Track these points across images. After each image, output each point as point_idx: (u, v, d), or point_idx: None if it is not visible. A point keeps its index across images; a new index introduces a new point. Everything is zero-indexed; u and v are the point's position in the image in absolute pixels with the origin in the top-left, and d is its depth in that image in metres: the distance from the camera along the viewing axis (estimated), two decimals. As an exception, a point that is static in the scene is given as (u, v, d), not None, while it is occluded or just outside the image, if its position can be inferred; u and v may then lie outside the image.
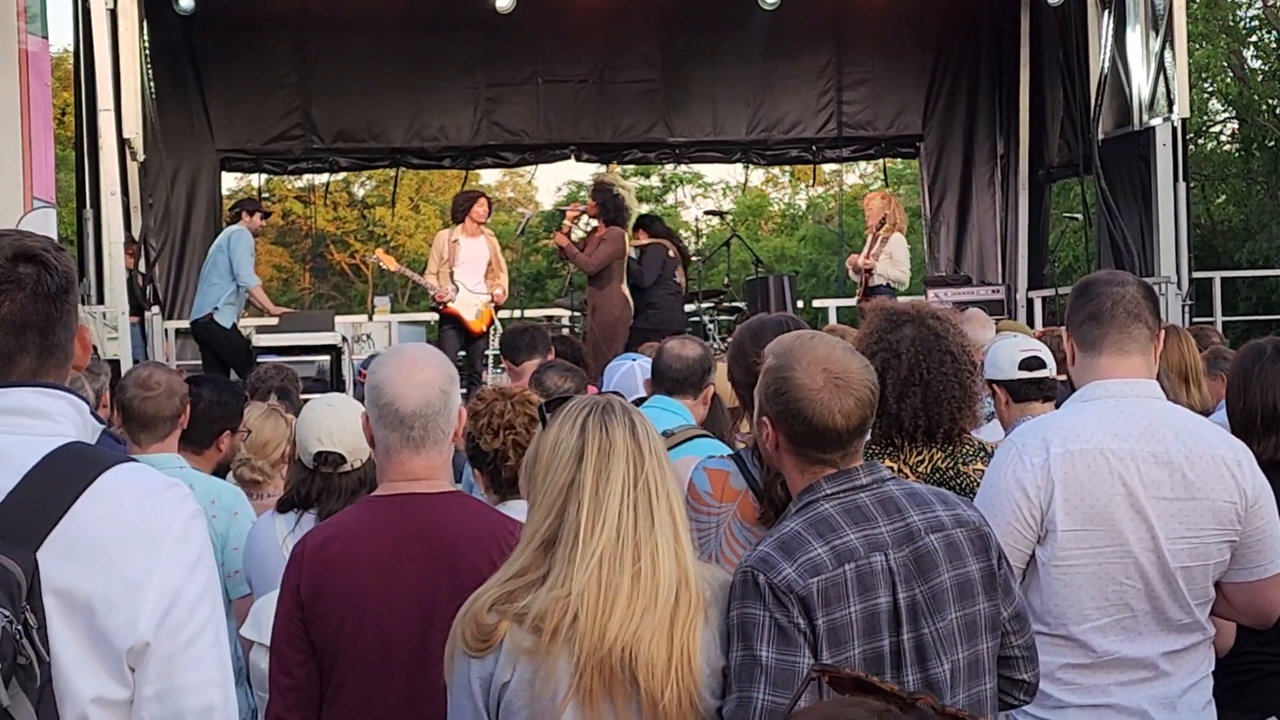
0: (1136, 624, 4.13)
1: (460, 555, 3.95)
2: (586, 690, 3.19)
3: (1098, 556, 4.09)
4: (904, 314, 4.76)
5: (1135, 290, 4.31)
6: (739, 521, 4.24)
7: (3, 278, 2.74)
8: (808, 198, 40.32)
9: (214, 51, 18.19)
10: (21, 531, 2.58)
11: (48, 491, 2.63)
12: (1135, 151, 15.30)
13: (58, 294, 2.77)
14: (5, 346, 2.75)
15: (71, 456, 2.69)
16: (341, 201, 43.13)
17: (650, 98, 19.04)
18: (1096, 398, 4.22)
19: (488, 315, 14.46)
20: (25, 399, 2.75)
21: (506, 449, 4.87)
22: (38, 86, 10.35)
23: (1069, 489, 4.08)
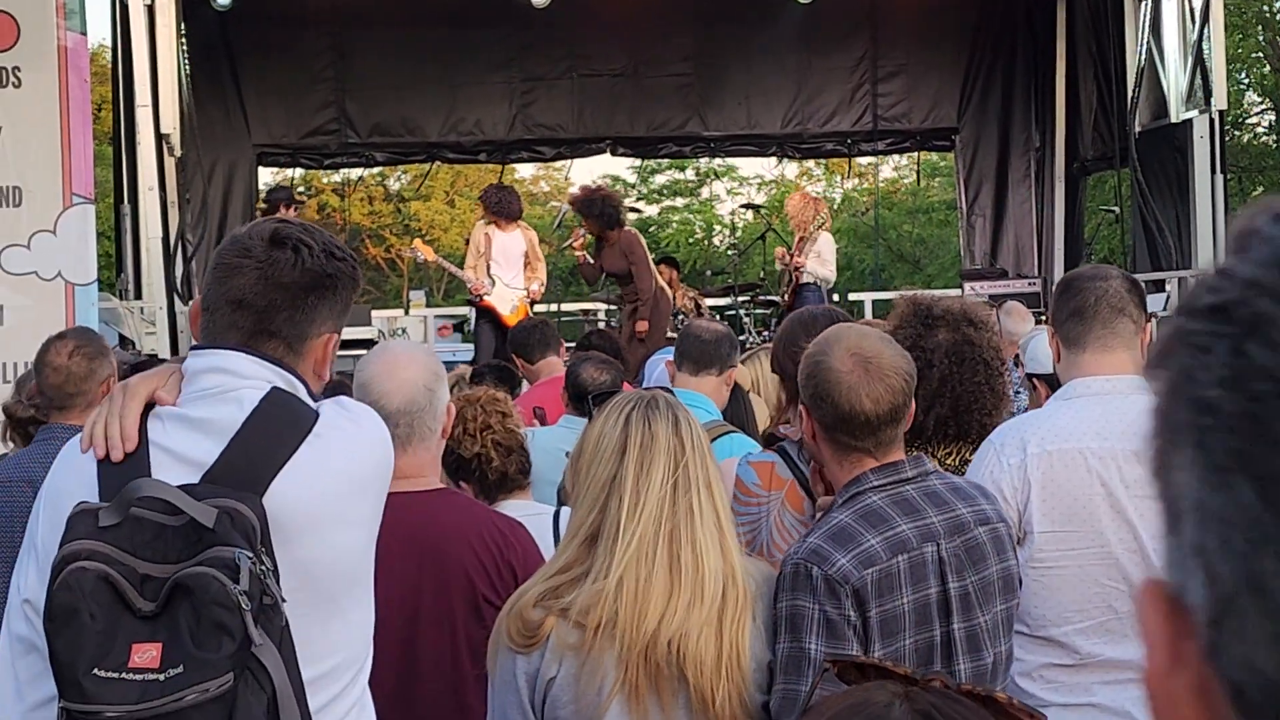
0: (1121, 625, 4.07)
1: (447, 552, 3.97)
2: (632, 685, 3.20)
3: (1078, 558, 4.04)
4: (937, 316, 4.73)
5: (1119, 284, 4.25)
6: (790, 511, 4.24)
7: (246, 253, 2.88)
8: (843, 191, 40.18)
9: (250, 46, 18.24)
10: (248, 477, 2.73)
11: (269, 436, 2.79)
12: (1172, 144, 15.23)
13: (292, 285, 2.87)
14: (223, 318, 2.90)
15: (283, 403, 2.84)
16: (377, 195, 43.17)
17: (685, 92, 19.02)
18: (1078, 395, 4.18)
19: (523, 310, 14.45)
20: (234, 361, 2.87)
21: (488, 450, 4.87)
22: (76, 82, 10.39)
23: (1046, 489, 4.04)
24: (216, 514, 2.60)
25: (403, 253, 17.23)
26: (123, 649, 2.50)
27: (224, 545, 2.56)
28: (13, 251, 10.00)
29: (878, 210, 33.58)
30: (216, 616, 2.51)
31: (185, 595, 2.53)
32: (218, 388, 2.85)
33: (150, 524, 2.61)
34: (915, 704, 1.47)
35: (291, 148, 19.08)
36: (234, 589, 2.51)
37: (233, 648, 2.51)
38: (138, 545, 2.59)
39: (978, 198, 19.40)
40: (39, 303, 9.84)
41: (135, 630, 2.53)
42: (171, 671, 2.49)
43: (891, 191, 42.20)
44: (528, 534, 4.11)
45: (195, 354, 2.91)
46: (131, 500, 2.62)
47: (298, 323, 2.88)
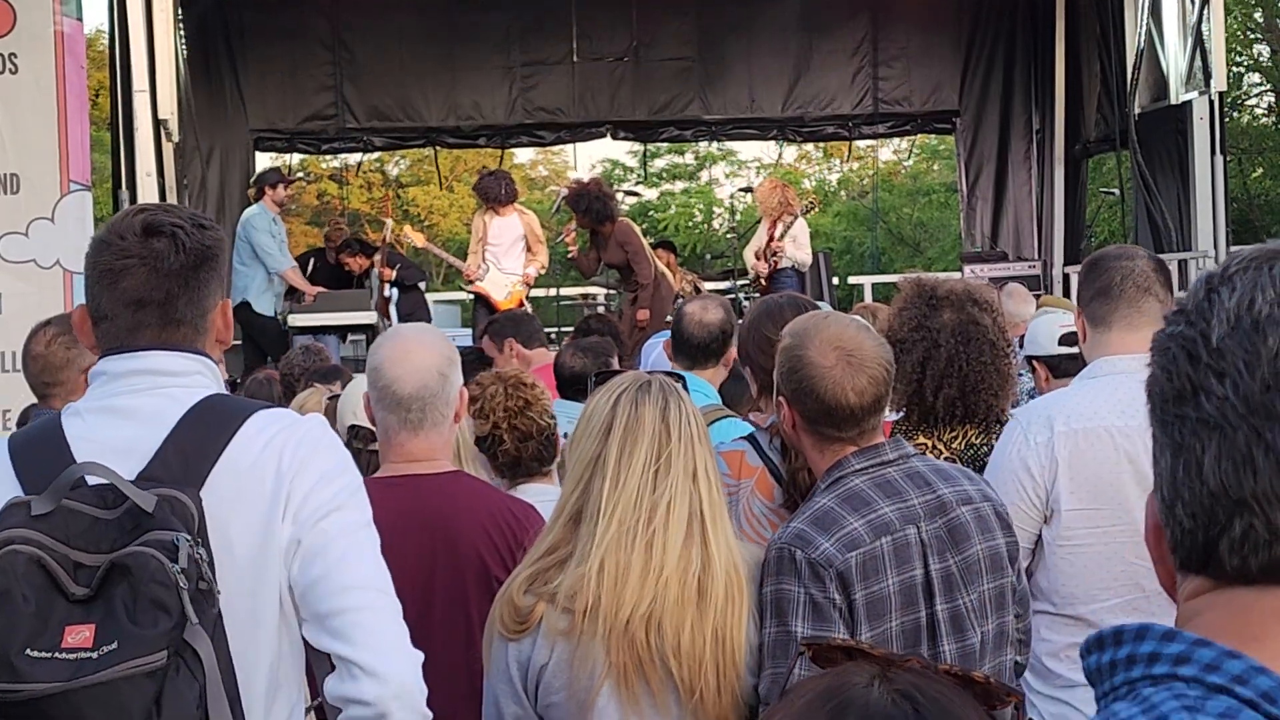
0: (1149, 603, 4.05)
1: (459, 534, 3.97)
2: (620, 670, 3.19)
3: (1104, 536, 4.04)
4: (942, 297, 4.72)
5: (1145, 264, 4.26)
6: (759, 499, 4.23)
7: (126, 253, 2.86)
8: (841, 174, 40.19)
9: (248, 31, 18.21)
10: (183, 474, 2.74)
11: (200, 437, 2.80)
12: (1172, 125, 15.21)
13: (183, 270, 2.87)
14: (126, 321, 2.88)
15: (216, 404, 2.87)
16: (375, 181, 43.15)
17: (686, 75, 18.99)
18: (1104, 374, 4.17)
19: (517, 296, 14.44)
20: (163, 361, 2.88)
21: (501, 432, 4.86)
22: (73, 68, 10.36)
23: (1074, 467, 4.04)
24: (156, 500, 2.63)
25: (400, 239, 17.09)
26: (56, 630, 2.52)
27: (163, 529, 2.59)
28: (11, 239, 9.99)
29: (876, 193, 33.54)
30: (154, 594, 2.52)
31: (123, 575, 2.55)
32: (143, 385, 2.86)
33: (84, 516, 2.63)
34: (894, 684, 1.47)
35: (289, 133, 19.04)
36: (172, 567, 2.54)
37: (169, 624, 2.53)
38: (71, 535, 2.60)
39: (978, 180, 19.38)
40: (38, 290, 9.83)
41: (68, 613, 2.55)
42: (105, 648, 2.50)
43: (891, 174, 42.19)
44: (540, 518, 4.10)
45: (110, 358, 2.90)
46: (65, 487, 2.64)
47: (196, 303, 2.90)
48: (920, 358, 4.62)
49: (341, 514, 2.87)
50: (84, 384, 5.57)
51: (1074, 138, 18.17)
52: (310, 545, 2.81)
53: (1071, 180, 18.40)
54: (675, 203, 41.39)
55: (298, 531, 2.81)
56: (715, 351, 5.83)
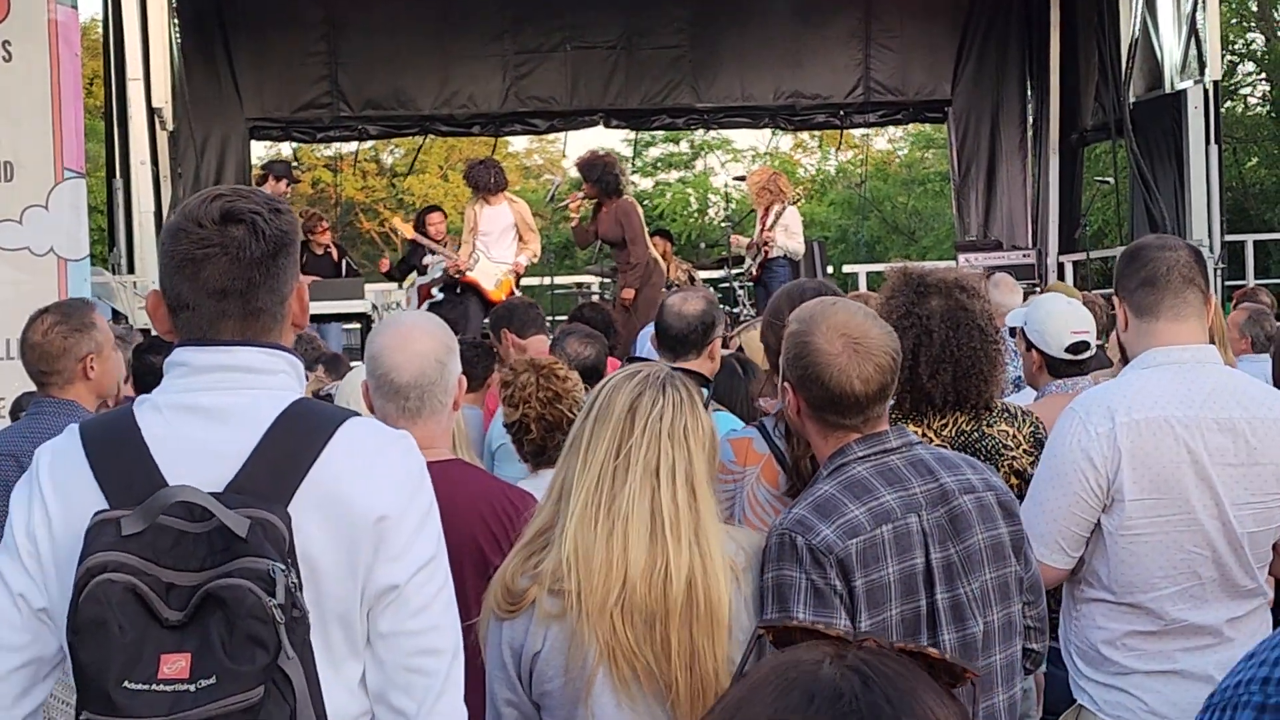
0: (1204, 591, 4.12)
1: (457, 523, 3.95)
2: (610, 654, 3.19)
3: (1165, 525, 4.07)
4: (930, 284, 4.73)
5: (1187, 255, 4.28)
6: (763, 485, 4.23)
7: (206, 241, 2.80)
8: (837, 163, 40.16)
9: (243, 19, 18.19)
10: (271, 489, 2.68)
11: (290, 448, 2.74)
12: (1167, 114, 15.21)
13: (263, 259, 2.82)
14: (208, 311, 2.83)
15: (305, 413, 2.81)
16: (370, 170, 43.12)
17: (678, 64, 19.00)
18: (1158, 364, 4.18)
19: (507, 285, 14.41)
20: (249, 357, 2.83)
21: (527, 422, 4.86)
22: (67, 56, 10.34)
23: (1136, 458, 4.05)
24: (250, 524, 2.58)
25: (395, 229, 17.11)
26: (151, 660, 2.49)
27: (256, 556, 2.55)
28: (4, 227, 9.96)
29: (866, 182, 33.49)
30: (251, 629, 2.50)
31: (218, 606, 2.51)
32: (229, 382, 2.81)
33: (170, 530, 2.58)
34: (846, 661, 1.48)
35: (284, 121, 19.04)
36: (269, 602, 2.50)
37: (266, 660, 2.50)
38: (159, 553, 2.56)
39: (970, 169, 19.38)
40: (32, 278, 9.80)
41: (163, 640, 2.51)
42: (204, 682, 2.47)
43: (886, 163, 42.15)
44: (537, 505, 4.10)
45: (191, 349, 2.85)
46: (161, 509, 2.59)
47: (275, 290, 2.85)
48: (912, 344, 4.62)
49: (437, 565, 2.86)
50: (82, 372, 5.58)
51: (1069, 126, 18.17)
52: (407, 597, 2.79)
53: (1067, 169, 18.41)
54: (671, 192, 41.38)
55: (398, 575, 2.78)
56: (695, 342, 5.83)
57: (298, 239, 2.93)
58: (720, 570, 3.27)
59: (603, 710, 3.22)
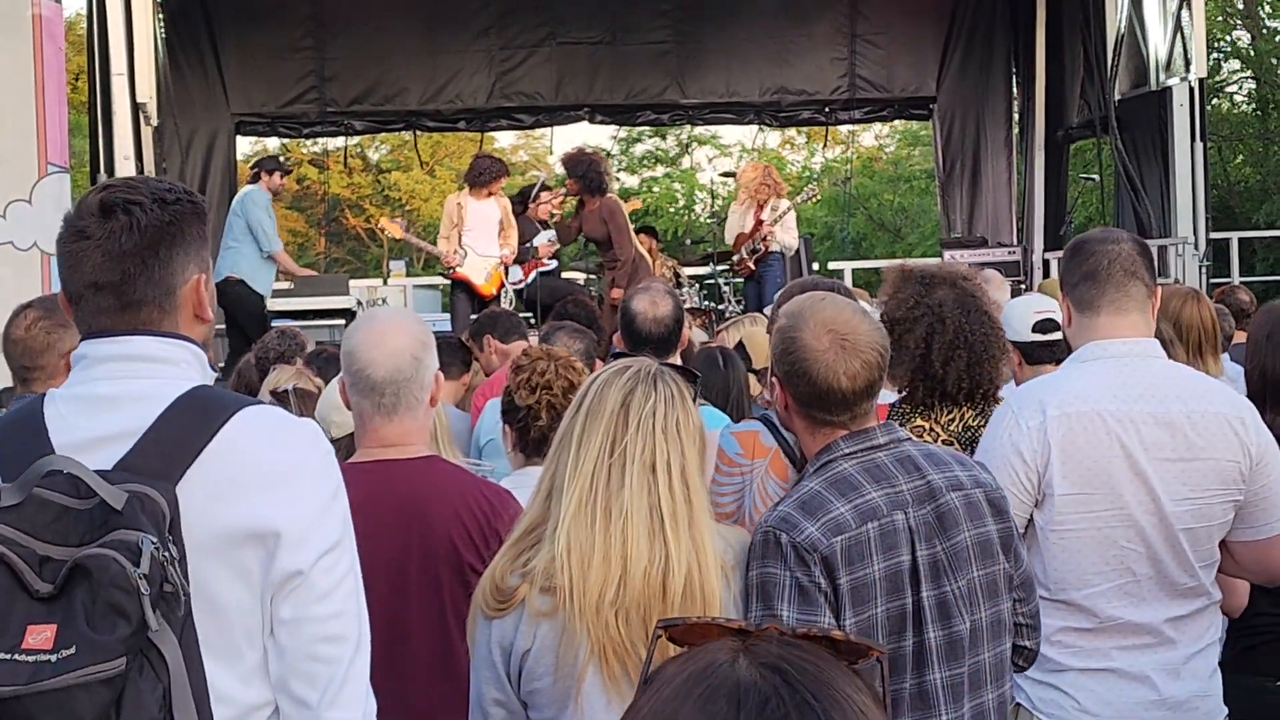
0: (1140, 589, 4.07)
1: (432, 520, 3.95)
2: (601, 652, 3.18)
3: (1097, 520, 4.03)
4: (934, 275, 4.75)
5: (1130, 248, 4.23)
6: (773, 478, 4.22)
7: (83, 233, 2.80)
8: (823, 160, 40.20)
9: (228, 14, 18.14)
10: (160, 467, 2.66)
11: (182, 430, 2.72)
12: (1153, 111, 15.22)
13: (136, 250, 2.79)
14: (90, 304, 2.83)
15: (202, 398, 2.78)
16: (356, 166, 43.09)
17: (664, 59, 18.99)
18: (1095, 358, 4.15)
19: (497, 278, 14.39)
20: (146, 347, 2.82)
21: (539, 409, 4.82)
22: (51, 51, 10.32)
23: (1066, 452, 4.02)
24: (127, 497, 2.56)
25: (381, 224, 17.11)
26: (17, 630, 2.47)
27: (129, 529, 2.53)
28: (-12, 221, 9.95)
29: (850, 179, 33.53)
30: (113, 599, 2.46)
31: (84, 577, 2.49)
32: (125, 371, 2.80)
33: (53, 505, 2.57)
34: (757, 656, 1.46)
35: (270, 117, 18.99)
36: (133, 571, 2.47)
37: (127, 631, 2.46)
38: (38, 526, 2.55)
39: (956, 166, 19.39)
40: (15, 273, 9.79)
41: (31, 611, 2.49)
42: (64, 652, 2.44)
43: (872, 160, 42.19)
44: (514, 501, 4.08)
45: (91, 341, 2.85)
46: (35, 479, 2.57)
47: (158, 282, 2.81)
48: (924, 333, 4.64)
49: (340, 552, 2.82)
50: (65, 368, 5.55)
51: (1055, 123, 18.18)
52: (312, 583, 2.76)
53: (1052, 166, 18.43)
54: (657, 188, 41.39)
55: (302, 561, 2.74)
56: (673, 342, 5.82)
57: (192, 228, 2.87)
58: (712, 566, 3.27)
59: (592, 708, 3.20)
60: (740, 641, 1.49)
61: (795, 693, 1.40)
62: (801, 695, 1.40)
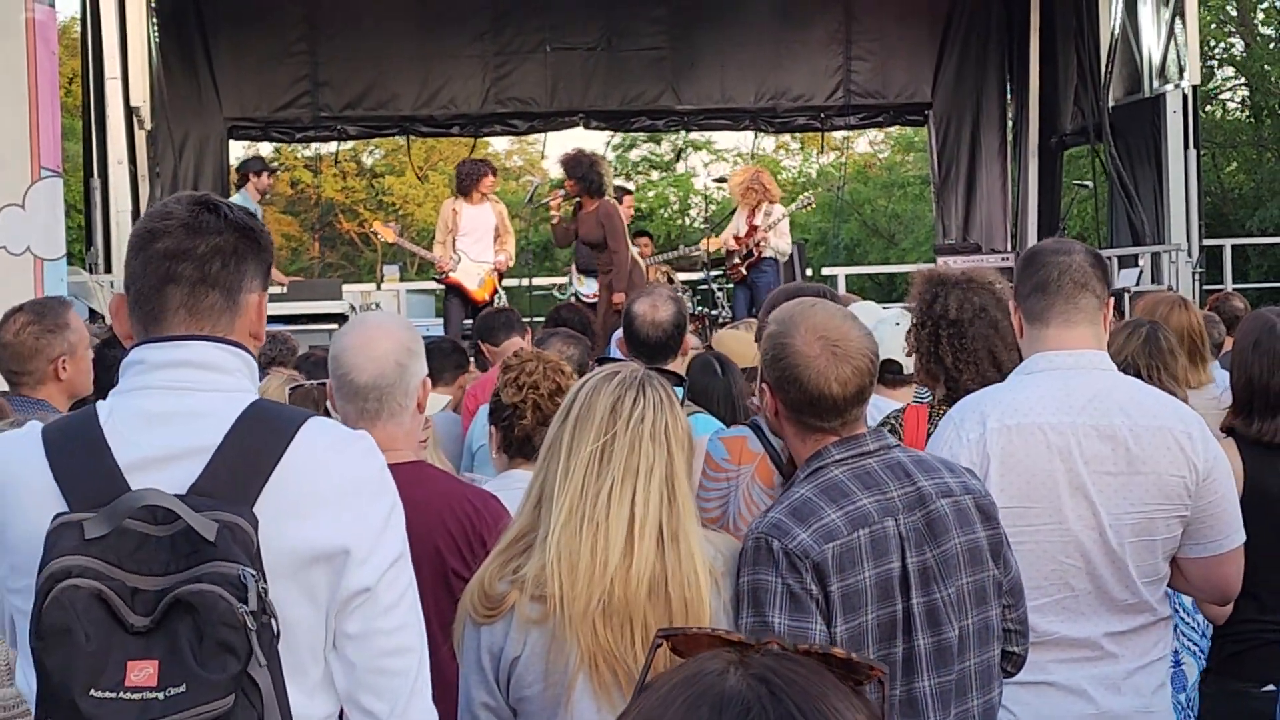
0: (1078, 604, 4.03)
1: (414, 525, 3.92)
2: (591, 660, 3.17)
3: (1035, 534, 3.97)
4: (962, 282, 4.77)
5: (1082, 259, 4.18)
6: (758, 484, 4.22)
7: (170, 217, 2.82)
8: (819, 166, 40.23)
9: (222, 18, 18.15)
10: (235, 491, 2.64)
11: (252, 450, 2.69)
12: (1146, 118, 15.24)
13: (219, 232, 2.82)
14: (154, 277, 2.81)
15: (265, 414, 2.77)
16: (350, 171, 43.10)
17: (659, 65, 19.00)
18: (1040, 370, 4.12)
19: (490, 284, 14.41)
20: (204, 353, 2.80)
21: (525, 408, 4.80)
22: (44, 54, 10.31)
23: (1004, 465, 3.98)
24: (218, 527, 2.54)
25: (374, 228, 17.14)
26: (118, 667, 2.45)
27: (225, 560, 2.51)
28: (-19, 225, 9.93)
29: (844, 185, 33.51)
30: (222, 636, 2.46)
31: (187, 612, 2.48)
32: (183, 380, 2.77)
33: (134, 534, 2.53)
34: (750, 668, 1.45)
35: (264, 121, 18.99)
36: (240, 609, 2.47)
37: (237, 668, 2.48)
38: (123, 556, 2.52)
39: (950, 173, 19.41)
40: (8, 277, 9.76)
41: (128, 647, 2.47)
42: (172, 690, 2.43)
43: (867, 166, 42.20)
44: (501, 506, 4.07)
45: (146, 347, 2.81)
46: (127, 512, 2.54)
47: (232, 271, 2.82)
48: (981, 333, 4.66)
49: (402, 564, 2.84)
50: (54, 373, 5.54)
51: (1049, 129, 18.20)
52: (378, 597, 2.76)
53: (1046, 172, 18.45)
54: (653, 193, 41.41)
55: (368, 577, 2.75)
56: (673, 347, 5.82)
57: (268, 246, 2.91)
58: (701, 572, 3.25)
59: (582, 715, 3.19)
60: (736, 654, 1.48)
61: (779, 703, 1.39)
62: (786, 707, 1.39)
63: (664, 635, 1.61)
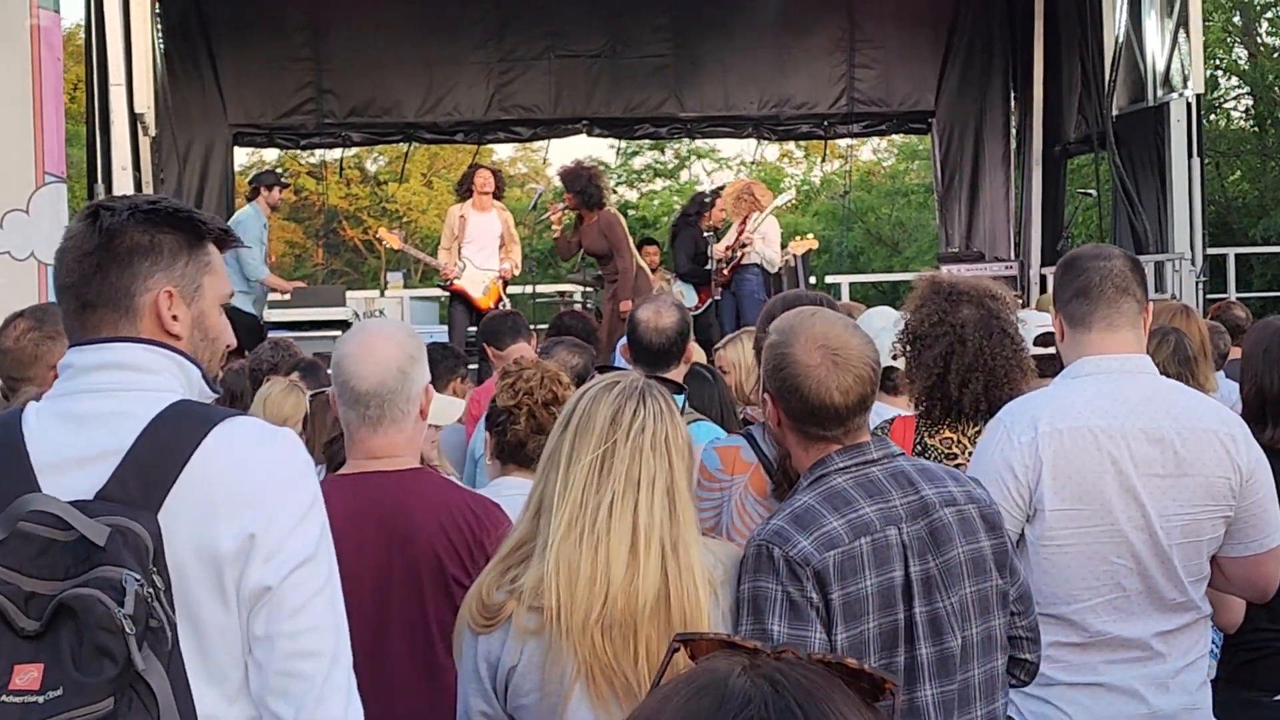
0: (1129, 604, 4.09)
1: (416, 532, 3.95)
2: (588, 672, 3.17)
3: (1087, 536, 4.04)
4: (963, 293, 4.74)
5: (1122, 264, 4.25)
6: (751, 494, 4.23)
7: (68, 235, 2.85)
8: (822, 174, 40.24)
9: (226, 25, 18.16)
10: (141, 495, 2.63)
11: (161, 452, 2.68)
12: (1150, 127, 15.21)
13: (95, 251, 2.80)
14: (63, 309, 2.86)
15: (180, 414, 2.75)
16: (354, 178, 43.10)
17: (662, 73, 19.00)
18: (1086, 374, 4.17)
19: (495, 291, 14.41)
20: (128, 354, 2.81)
21: (519, 414, 4.81)
22: (49, 61, 10.33)
23: (1057, 468, 4.03)
24: (109, 532, 2.53)
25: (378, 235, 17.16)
26: (4, 670, 2.46)
27: (112, 565, 2.50)
28: (-14, 231, 9.96)
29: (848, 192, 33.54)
30: (99, 640, 2.45)
31: (69, 616, 2.48)
32: (107, 382, 2.79)
33: (38, 539, 2.54)
34: (758, 670, 1.46)
35: (268, 128, 18.99)
36: (118, 612, 2.46)
37: (114, 671, 2.46)
38: (23, 561, 2.52)
39: (954, 181, 19.40)
40: (12, 283, 9.78)
41: (18, 650, 2.48)
42: (51, 694, 2.43)
43: (870, 174, 42.20)
44: (501, 514, 4.07)
45: (75, 349, 2.85)
46: (19, 516, 2.55)
47: (111, 284, 2.81)
48: (943, 351, 4.64)
49: (315, 565, 2.78)
50: (54, 379, 5.54)
51: (1053, 138, 18.19)
52: (282, 598, 2.72)
53: (1050, 181, 18.43)
54: (657, 201, 41.41)
55: (270, 576, 2.71)
56: (676, 354, 5.82)
57: (169, 242, 2.88)
58: (699, 583, 3.25)
59: (579, 726, 3.19)
60: (747, 658, 1.50)
61: (781, 699, 1.41)
62: (787, 703, 1.40)
63: (681, 640, 1.63)
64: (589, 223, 13.53)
